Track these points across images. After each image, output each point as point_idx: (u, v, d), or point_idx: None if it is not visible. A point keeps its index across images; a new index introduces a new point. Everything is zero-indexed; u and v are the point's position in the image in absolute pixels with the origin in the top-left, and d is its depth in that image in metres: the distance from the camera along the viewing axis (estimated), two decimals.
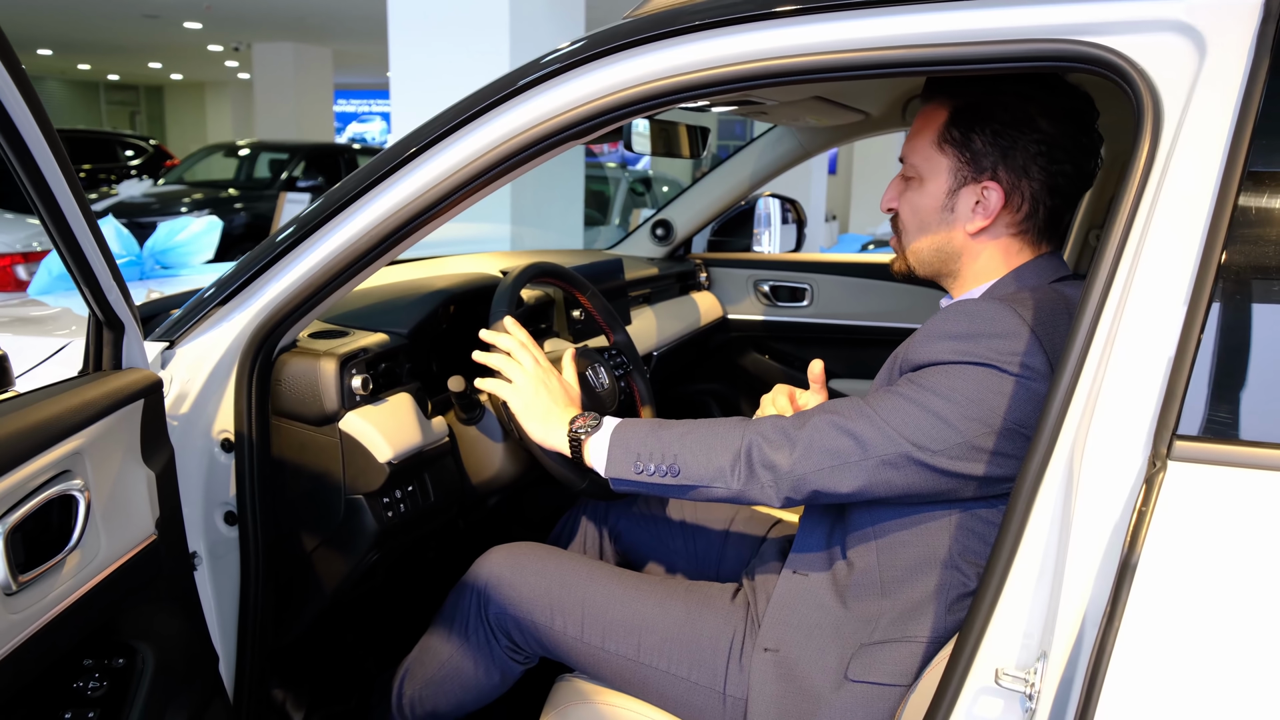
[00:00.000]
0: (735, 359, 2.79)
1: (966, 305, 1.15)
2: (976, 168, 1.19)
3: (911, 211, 1.26)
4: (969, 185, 1.20)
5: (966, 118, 1.19)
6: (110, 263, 0.96)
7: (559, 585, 1.37)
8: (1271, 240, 0.83)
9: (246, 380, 1.26)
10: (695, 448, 1.17)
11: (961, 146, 1.19)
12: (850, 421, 1.12)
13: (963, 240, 1.23)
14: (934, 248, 1.25)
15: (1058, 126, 1.17)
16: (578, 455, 1.26)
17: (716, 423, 1.20)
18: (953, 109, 1.20)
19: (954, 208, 1.22)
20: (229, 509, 1.29)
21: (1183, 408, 0.81)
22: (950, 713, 0.90)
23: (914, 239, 1.27)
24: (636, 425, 1.24)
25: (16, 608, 0.76)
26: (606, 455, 1.22)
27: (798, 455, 1.12)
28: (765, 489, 1.14)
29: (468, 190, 1.20)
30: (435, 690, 1.47)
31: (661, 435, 1.20)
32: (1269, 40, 0.84)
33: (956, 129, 1.19)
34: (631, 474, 1.20)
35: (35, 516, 0.81)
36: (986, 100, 1.18)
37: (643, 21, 1.11)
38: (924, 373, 1.12)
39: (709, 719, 1.27)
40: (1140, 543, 0.79)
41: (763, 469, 1.14)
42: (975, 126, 1.18)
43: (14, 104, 0.74)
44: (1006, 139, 1.17)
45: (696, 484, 1.17)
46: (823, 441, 1.12)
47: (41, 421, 0.83)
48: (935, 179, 1.22)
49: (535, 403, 1.31)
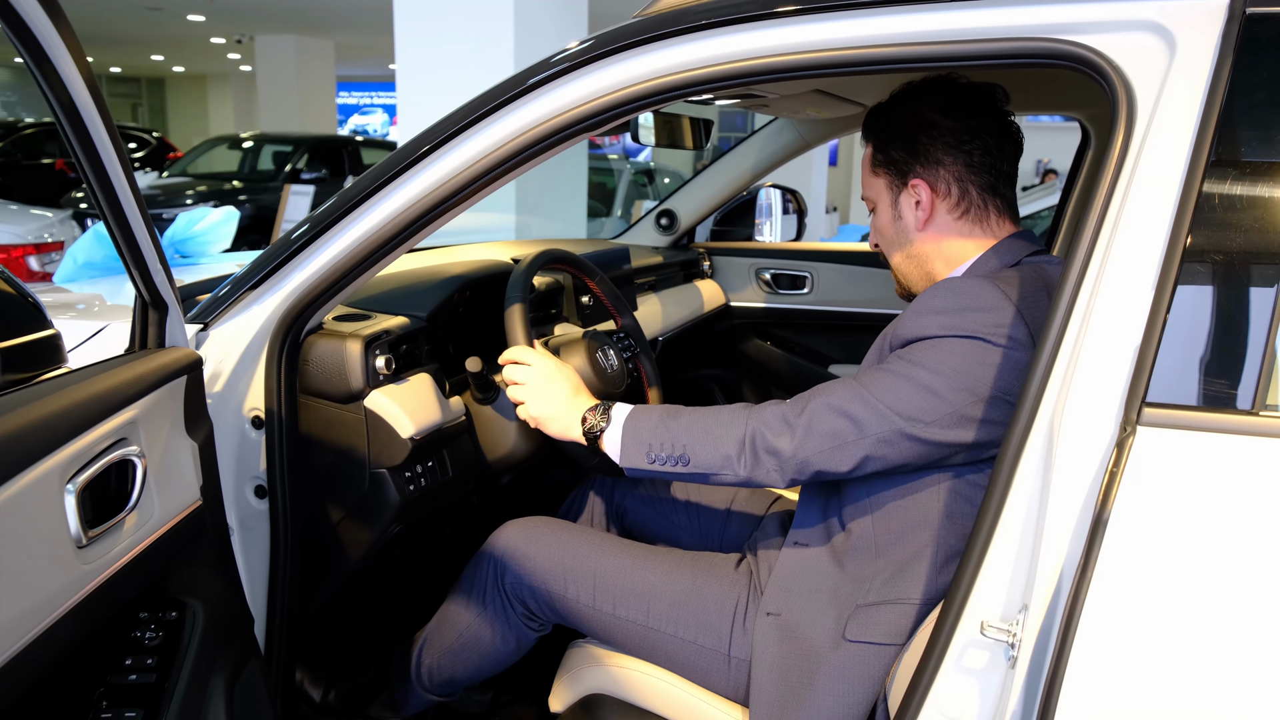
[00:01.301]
0: (737, 345, 2.86)
1: (952, 282, 1.22)
2: (900, 175, 1.33)
3: (880, 237, 1.40)
4: (903, 192, 1.33)
5: (883, 140, 1.35)
6: (158, 248, 1.03)
7: (571, 556, 1.44)
8: (1233, 224, 0.90)
9: (276, 360, 1.33)
10: (702, 437, 1.24)
11: (886, 164, 1.34)
12: (845, 403, 1.19)
13: (921, 240, 1.34)
14: (905, 258, 1.37)
15: (951, 118, 1.29)
16: (594, 444, 1.33)
17: (720, 411, 1.27)
18: (875, 140, 1.36)
19: (901, 215, 1.34)
20: (259, 483, 1.36)
21: (1151, 377, 0.88)
22: (940, 664, 0.98)
23: (892, 260, 1.40)
24: (647, 414, 1.30)
25: (87, 559, 0.84)
26: (620, 445, 1.29)
27: (798, 440, 1.19)
28: (770, 473, 1.21)
29: (482, 183, 1.26)
30: (454, 658, 1.54)
31: (670, 425, 1.27)
32: (1233, 39, 0.91)
33: (879, 152, 1.35)
34: (645, 463, 1.27)
35: (98, 480, 0.88)
36: (891, 122, 1.34)
37: (649, 21, 1.18)
38: (912, 348, 1.20)
39: (715, 680, 1.35)
40: (1111, 501, 0.86)
41: (767, 455, 1.21)
42: (889, 144, 1.34)
43: (85, 104, 0.81)
44: (913, 142, 1.31)
45: (706, 471, 1.24)
46: (821, 425, 1.19)
47: (102, 392, 0.91)
48: (881, 199, 1.37)
49: (548, 403, 1.37)
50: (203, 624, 1.02)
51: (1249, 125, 0.91)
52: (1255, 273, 0.89)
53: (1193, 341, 0.89)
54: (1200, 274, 0.90)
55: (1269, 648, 0.84)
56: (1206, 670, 0.85)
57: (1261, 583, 0.84)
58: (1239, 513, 0.85)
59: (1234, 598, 0.85)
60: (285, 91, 13.88)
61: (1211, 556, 0.86)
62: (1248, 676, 0.84)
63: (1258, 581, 0.84)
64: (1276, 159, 0.90)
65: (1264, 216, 0.89)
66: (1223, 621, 0.85)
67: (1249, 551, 0.85)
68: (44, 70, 0.81)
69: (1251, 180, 0.90)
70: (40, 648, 0.76)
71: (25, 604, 0.76)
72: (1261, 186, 0.90)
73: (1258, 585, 0.84)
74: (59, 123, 0.86)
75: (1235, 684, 0.85)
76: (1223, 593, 0.85)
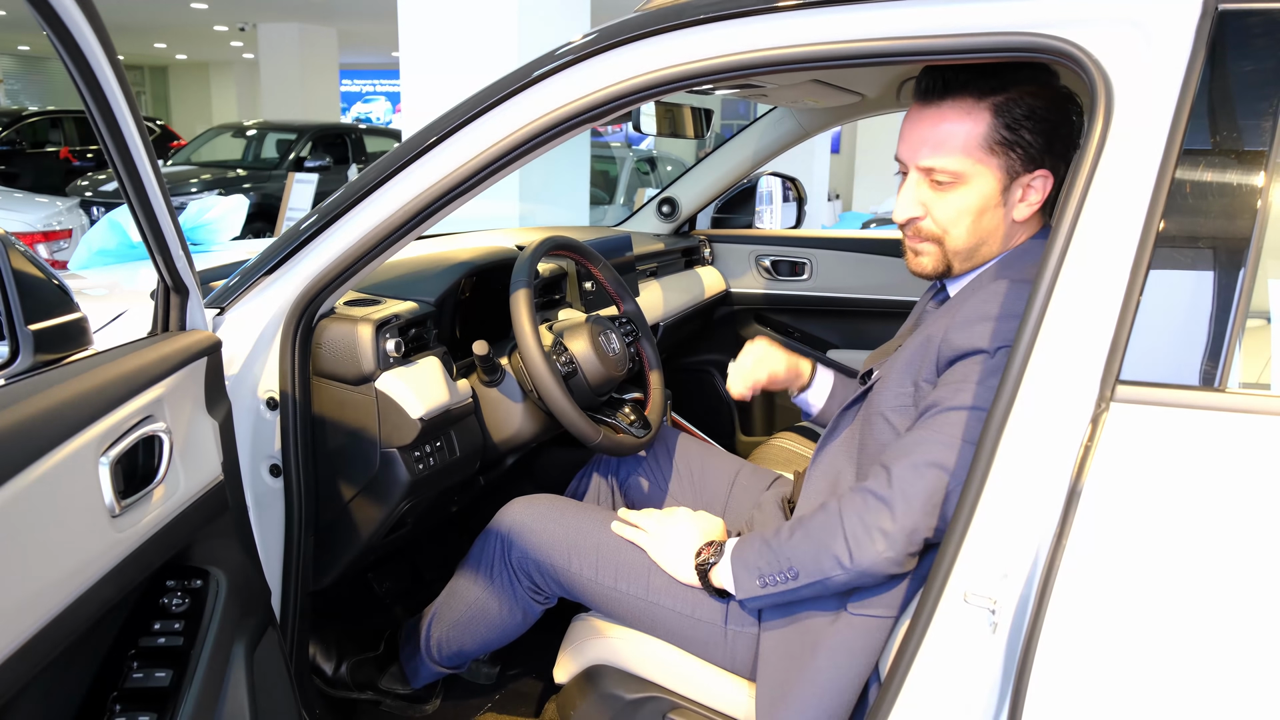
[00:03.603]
0: (737, 330, 2.90)
1: (998, 289, 1.20)
2: (1028, 161, 1.22)
3: (956, 214, 1.25)
4: (1019, 179, 1.23)
5: (1010, 113, 1.20)
6: (180, 235, 1.08)
7: (575, 531, 1.48)
8: (1203, 210, 0.94)
9: (290, 343, 1.38)
10: (803, 546, 1.23)
11: (1011, 145, 1.20)
12: (930, 456, 1.15)
13: (1007, 227, 1.26)
14: (979, 241, 1.27)
15: (1065, 104, 1.23)
16: (708, 585, 1.36)
17: (812, 519, 1.25)
18: (994, 108, 1.20)
19: (1006, 201, 1.24)
20: (274, 462, 1.41)
21: (1125, 356, 0.93)
22: (925, 632, 1.03)
23: (963, 239, 1.26)
24: (750, 542, 1.30)
25: (120, 527, 0.89)
26: (733, 579, 1.30)
27: (900, 510, 1.16)
28: (882, 555, 1.16)
29: (487, 173, 1.29)
30: (462, 630, 1.60)
31: (773, 545, 1.27)
32: (1206, 33, 0.95)
33: (1004, 128, 1.20)
34: (759, 589, 1.27)
35: (127, 455, 0.94)
36: (1019, 93, 1.19)
37: (651, 14, 1.22)
38: (969, 370, 1.17)
39: (712, 652, 1.40)
40: (1085, 473, 0.91)
41: (872, 539, 1.17)
42: (1021, 121, 1.20)
43: (114, 93, 0.85)
44: (1049, 127, 1.20)
45: (819, 578, 1.21)
46: (915, 487, 1.15)
47: (130, 371, 0.96)
48: (984, 179, 1.22)
49: (666, 550, 1.41)
50: (225, 592, 1.07)
51: (1220, 116, 0.95)
52: (1222, 257, 0.94)
53: (1164, 322, 0.94)
54: (1172, 258, 0.94)
55: (1232, 611, 0.89)
56: (1173, 633, 0.91)
57: (1225, 549, 0.89)
58: (1205, 484, 0.91)
59: (1199, 564, 0.90)
60: (288, 79, 13.89)
61: (1179, 526, 0.91)
62: (1213, 637, 0.90)
63: (1222, 549, 0.90)
64: (1246, 148, 0.95)
65: (1231, 204, 0.94)
66: (1188, 587, 0.90)
67: (1213, 520, 0.90)
68: (76, 60, 0.85)
69: (1221, 169, 0.94)
70: (82, 606, 0.82)
71: (68, 565, 0.81)
72: (1231, 175, 0.94)
73: (1222, 552, 0.90)
74: (89, 111, 0.90)
75: (1201, 644, 0.90)
76: (1189, 560, 0.90)
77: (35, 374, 0.90)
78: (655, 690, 1.40)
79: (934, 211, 1.27)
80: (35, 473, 0.78)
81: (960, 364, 1.19)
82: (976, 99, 1.21)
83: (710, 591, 1.36)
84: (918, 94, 1.26)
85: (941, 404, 1.17)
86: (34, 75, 19.96)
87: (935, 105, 1.24)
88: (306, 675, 1.54)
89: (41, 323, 0.95)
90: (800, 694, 1.27)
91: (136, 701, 0.97)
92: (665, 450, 1.79)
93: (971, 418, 1.14)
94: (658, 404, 1.82)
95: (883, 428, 1.30)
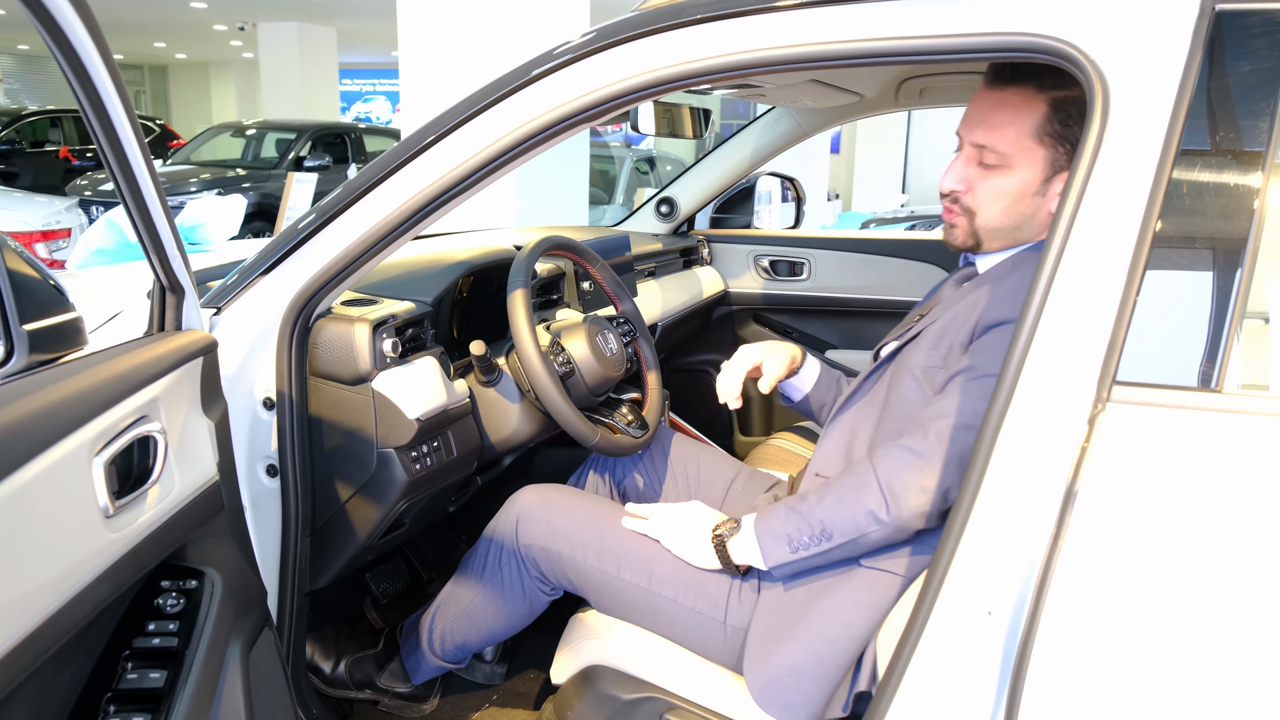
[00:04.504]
0: (736, 330, 2.90)
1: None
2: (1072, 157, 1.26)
3: (994, 195, 1.31)
4: (1062, 172, 1.28)
5: (1067, 110, 1.25)
6: (175, 235, 1.08)
7: (581, 520, 1.49)
8: (1200, 211, 0.94)
9: (287, 343, 1.38)
10: (836, 506, 1.24)
11: (1060, 139, 1.26)
12: (965, 418, 1.19)
13: (1043, 218, 1.32)
14: (1014, 224, 1.32)
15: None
16: (726, 561, 1.35)
17: (842, 479, 1.27)
18: (1052, 101, 1.25)
19: (1045, 192, 1.29)
20: (270, 462, 1.41)
21: (1121, 357, 0.93)
22: (924, 628, 1.02)
23: (994, 219, 1.33)
24: (775, 512, 1.31)
25: (114, 528, 0.89)
26: (760, 549, 1.30)
27: (940, 466, 1.19)
28: (919, 510, 1.20)
29: (486, 172, 1.29)
30: (468, 622, 1.59)
31: (801, 510, 1.27)
32: (1203, 34, 0.95)
33: (1057, 122, 1.25)
34: (789, 555, 1.28)
35: (122, 455, 0.93)
36: (1079, 93, 1.23)
37: (648, 14, 1.22)
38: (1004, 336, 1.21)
39: (710, 647, 1.40)
40: (1081, 474, 0.91)
41: (912, 493, 1.20)
42: (1075, 119, 1.24)
43: (109, 94, 0.85)
44: None
45: (854, 535, 1.23)
46: (951, 447, 1.19)
47: (125, 371, 0.95)
48: (1029, 167, 1.28)
49: (678, 534, 1.41)
50: (220, 592, 1.07)
51: (1217, 117, 0.95)
52: (1220, 258, 0.94)
53: (1161, 323, 0.94)
54: (1169, 258, 0.94)
55: (1229, 613, 0.89)
56: (1170, 635, 0.91)
57: (1222, 551, 0.89)
58: (1202, 486, 0.90)
59: (1196, 566, 0.90)
60: (288, 79, 13.89)
61: (1175, 528, 0.91)
62: (1210, 639, 0.89)
63: (1218, 551, 0.89)
64: (1243, 149, 0.95)
65: (1229, 204, 0.94)
66: (1185, 589, 0.90)
67: (1210, 522, 0.90)
68: (70, 61, 0.85)
69: (1218, 169, 0.94)
70: (75, 607, 0.81)
71: (62, 566, 0.81)
72: (1228, 175, 0.94)
73: (1218, 554, 0.89)
74: (84, 111, 0.90)
75: (1197, 646, 0.90)
76: (1185, 562, 0.90)
77: (30, 374, 0.89)
78: (652, 690, 1.40)
79: (976, 189, 1.33)
80: (29, 473, 0.78)
81: (995, 331, 1.23)
82: (1037, 89, 1.26)
83: (728, 568, 1.35)
84: (989, 77, 1.32)
85: (977, 370, 1.21)
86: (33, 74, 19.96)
87: (1000, 89, 1.30)
88: (303, 675, 1.54)
89: (36, 322, 0.95)
90: (794, 635, 1.27)
91: (130, 702, 0.97)
92: (661, 450, 1.79)
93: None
94: (655, 404, 1.82)
95: (910, 385, 1.32)
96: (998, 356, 1.19)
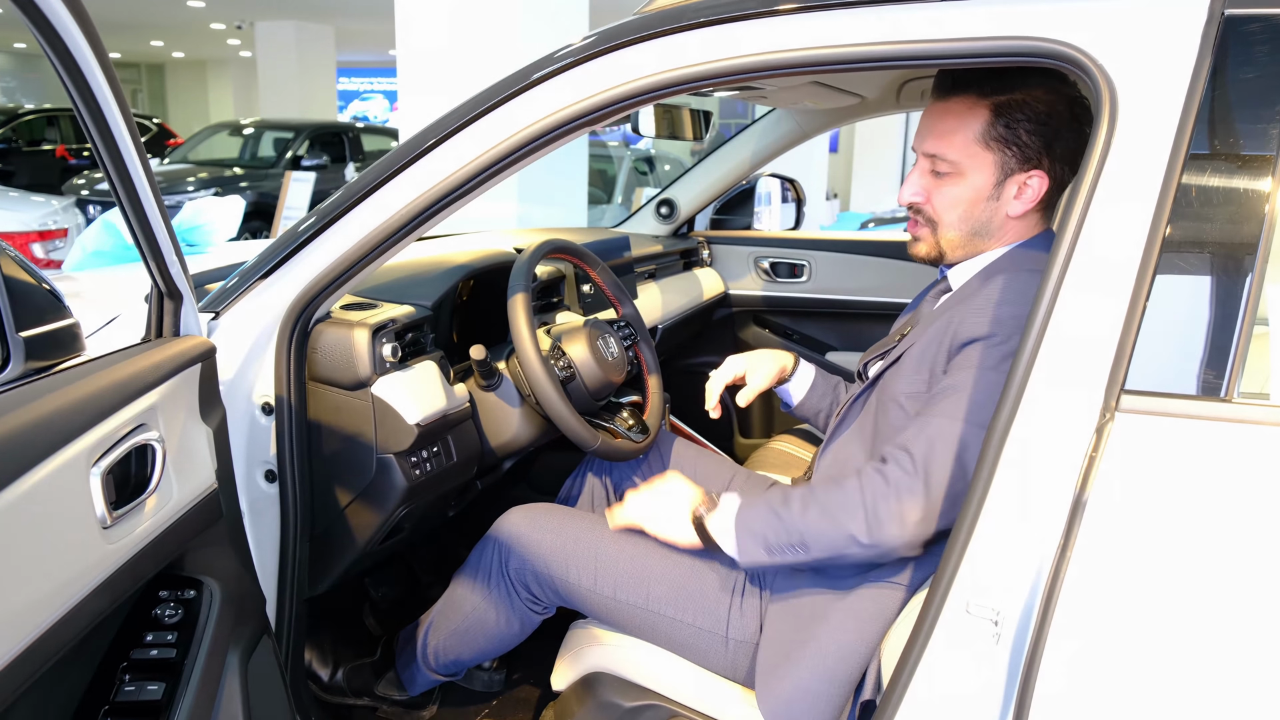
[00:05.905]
0: (736, 332, 2.89)
1: (1006, 280, 1.25)
2: (1023, 160, 1.28)
3: (949, 204, 1.33)
4: (1014, 176, 1.29)
5: (1010, 114, 1.26)
6: (173, 239, 1.07)
7: (573, 541, 1.47)
8: (1209, 217, 0.93)
9: (286, 348, 1.36)
10: (818, 521, 1.22)
11: (1007, 143, 1.27)
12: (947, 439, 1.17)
13: (1000, 222, 1.32)
14: (972, 232, 1.34)
15: (1081, 121, 1.27)
16: (705, 537, 1.33)
17: (829, 491, 1.24)
18: (993, 107, 1.27)
19: (998, 196, 1.31)
20: (269, 468, 1.40)
21: (1130, 365, 0.92)
22: (929, 640, 1.01)
23: (953, 229, 1.34)
24: (756, 509, 1.28)
25: (111, 539, 0.88)
26: (736, 544, 1.28)
27: (927, 490, 1.17)
28: (901, 538, 1.17)
29: (485, 176, 1.28)
30: (459, 639, 1.58)
31: (783, 515, 1.25)
32: (1212, 39, 0.94)
33: (1001, 125, 1.27)
34: (765, 558, 1.27)
35: (119, 464, 0.92)
36: (1023, 96, 1.25)
37: (650, 18, 1.21)
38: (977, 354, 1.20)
39: (712, 660, 1.39)
40: (1089, 483, 0.90)
41: (895, 520, 1.17)
42: (1020, 122, 1.26)
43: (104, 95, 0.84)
44: (1049, 131, 1.26)
45: (830, 554, 1.22)
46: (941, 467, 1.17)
47: (123, 379, 0.94)
48: (979, 173, 1.30)
49: (658, 510, 1.39)
50: (219, 602, 1.06)
51: (1226, 122, 0.94)
52: (1229, 265, 0.93)
53: (1170, 330, 0.93)
54: (1178, 265, 0.93)
55: (1238, 623, 0.88)
56: (1178, 644, 0.90)
57: (1231, 561, 0.88)
58: (1210, 495, 0.89)
59: (1204, 576, 0.89)
60: (285, 78, 13.87)
61: (1184, 537, 0.90)
62: (1218, 649, 0.89)
63: (1227, 561, 0.89)
64: (1252, 154, 0.94)
65: (1238, 211, 0.93)
66: (1193, 598, 0.89)
67: (1219, 532, 0.89)
68: (64, 61, 0.83)
69: (1228, 175, 0.93)
70: (73, 619, 0.80)
71: (59, 578, 0.80)
72: (1237, 181, 0.93)
73: (1227, 564, 0.89)
74: (78, 113, 0.89)
75: (1205, 656, 0.89)
76: (1194, 572, 0.89)
77: (26, 382, 0.88)
78: (653, 698, 1.39)
79: (933, 198, 1.35)
80: (25, 484, 0.77)
81: (969, 349, 1.22)
82: (979, 96, 1.28)
83: (707, 544, 1.33)
84: (934, 88, 1.35)
85: (957, 388, 1.21)
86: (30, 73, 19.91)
87: (945, 99, 1.32)
88: (302, 683, 1.53)
89: (32, 329, 0.94)
90: (804, 656, 1.27)
91: (128, 715, 0.96)
92: (660, 453, 1.78)
93: (984, 401, 1.17)
94: (656, 408, 1.81)
95: (896, 413, 1.32)
96: (971, 374, 1.19)
